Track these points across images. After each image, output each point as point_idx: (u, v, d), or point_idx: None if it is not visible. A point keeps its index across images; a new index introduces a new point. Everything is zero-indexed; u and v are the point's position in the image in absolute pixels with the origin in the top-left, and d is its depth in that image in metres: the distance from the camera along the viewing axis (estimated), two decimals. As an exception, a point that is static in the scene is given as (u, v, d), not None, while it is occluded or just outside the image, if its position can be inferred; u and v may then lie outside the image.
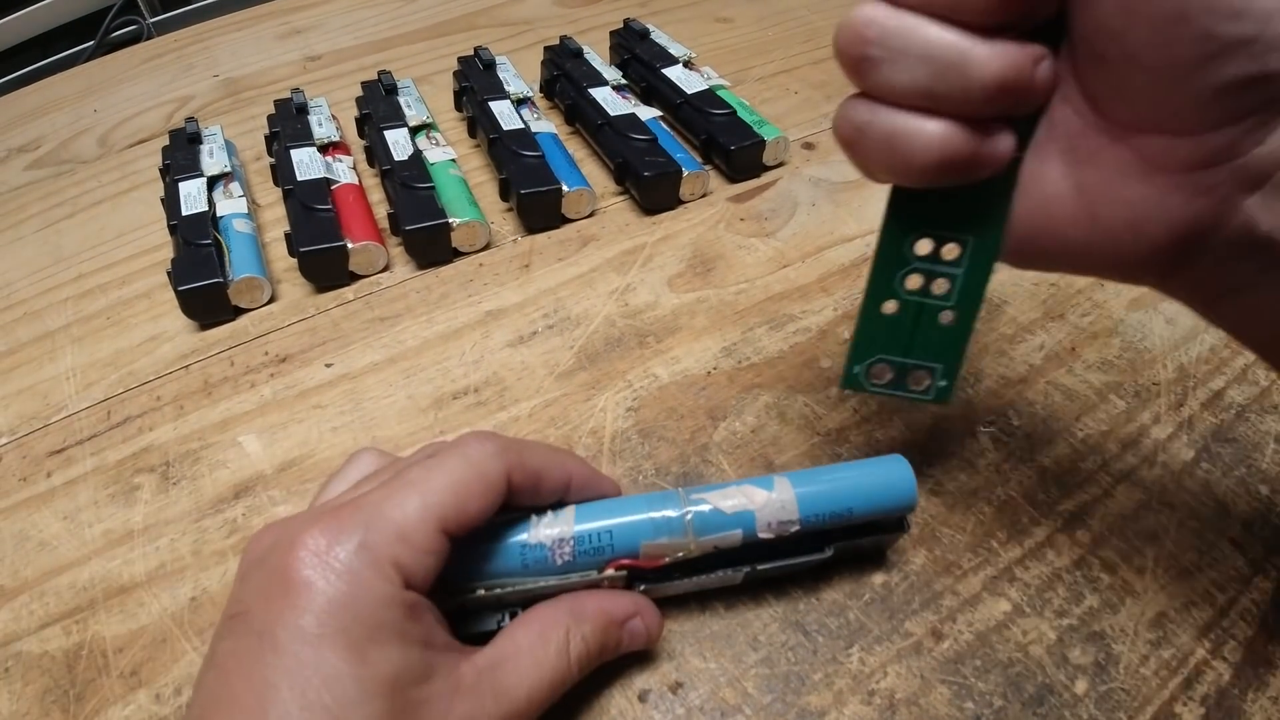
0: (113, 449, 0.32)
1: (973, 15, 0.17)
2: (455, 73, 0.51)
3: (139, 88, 0.58)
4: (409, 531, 0.19)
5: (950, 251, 0.21)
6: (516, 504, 0.22)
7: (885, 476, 0.23)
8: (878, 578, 0.26)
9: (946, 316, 0.22)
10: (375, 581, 0.18)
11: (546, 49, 0.52)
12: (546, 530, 0.22)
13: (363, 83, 0.49)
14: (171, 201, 0.40)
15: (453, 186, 0.41)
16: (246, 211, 0.40)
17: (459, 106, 0.51)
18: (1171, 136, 0.17)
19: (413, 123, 0.45)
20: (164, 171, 0.44)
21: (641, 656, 0.24)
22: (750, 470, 0.29)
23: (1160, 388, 0.31)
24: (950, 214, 0.21)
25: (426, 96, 0.50)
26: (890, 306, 0.22)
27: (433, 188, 0.40)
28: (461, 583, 0.22)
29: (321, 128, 0.45)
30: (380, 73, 0.50)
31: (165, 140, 0.46)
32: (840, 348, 0.33)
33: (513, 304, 0.37)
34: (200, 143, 0.45)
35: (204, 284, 0.35)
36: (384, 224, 0.41)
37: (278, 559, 0.18)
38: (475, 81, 0.48)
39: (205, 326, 0.37)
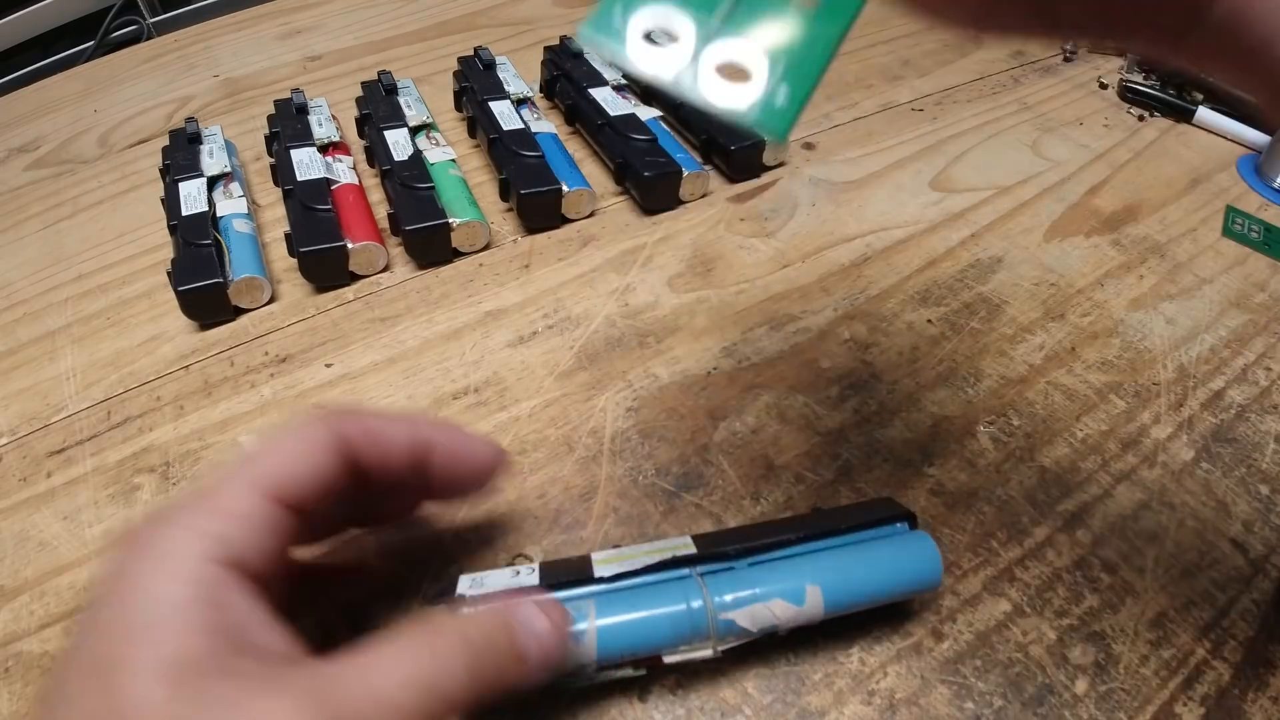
0: (113, 449, 0.32)
1: None
2: (455, 73, 0.51)
3: (139, 88, 0.58)
4: (225, 501, 0.19)
5: None
6: (369, 464, 0.22)
7: (914, 564, 0.23)
8: (878, 578, 0.26)
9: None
10: (171, 566, 0.18)
11: (546, 49, 0.52)
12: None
13: (363, 83, 0.49)
14: (171, 202, 0.40)
15: (453, 186, 0.41)
16: (246, 212, 0.40)
17: (459, 106, 0.51)
18: None
19: (413, 123, 0.45)
20: (164, 171, 0.44)
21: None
22: (750, 471, 0.29)
23: (1160, 388, 0.31)
24: None
25: (426, 96, 0.50)
26: None
27: (433, 188, 0.40)
28: None
29: (321, 128, 0.45)
30: (380, 73, 0.50)
31: (165, 140, 0.46)
32: (842, 348, 0.33)
33: (513, 304, 0.37)
34: (200, 143, 0.45)
35: (204, 284, 0.35)
36: (384, 224, 0.41)
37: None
38: (475, 81, 0.48)
39: (205, 326, 0.37)
